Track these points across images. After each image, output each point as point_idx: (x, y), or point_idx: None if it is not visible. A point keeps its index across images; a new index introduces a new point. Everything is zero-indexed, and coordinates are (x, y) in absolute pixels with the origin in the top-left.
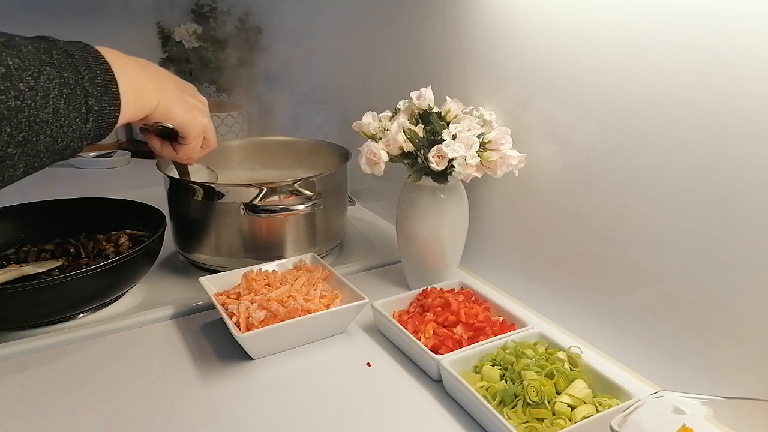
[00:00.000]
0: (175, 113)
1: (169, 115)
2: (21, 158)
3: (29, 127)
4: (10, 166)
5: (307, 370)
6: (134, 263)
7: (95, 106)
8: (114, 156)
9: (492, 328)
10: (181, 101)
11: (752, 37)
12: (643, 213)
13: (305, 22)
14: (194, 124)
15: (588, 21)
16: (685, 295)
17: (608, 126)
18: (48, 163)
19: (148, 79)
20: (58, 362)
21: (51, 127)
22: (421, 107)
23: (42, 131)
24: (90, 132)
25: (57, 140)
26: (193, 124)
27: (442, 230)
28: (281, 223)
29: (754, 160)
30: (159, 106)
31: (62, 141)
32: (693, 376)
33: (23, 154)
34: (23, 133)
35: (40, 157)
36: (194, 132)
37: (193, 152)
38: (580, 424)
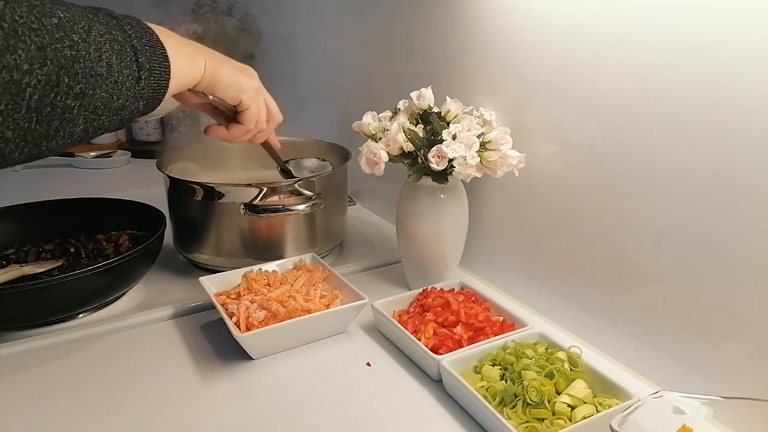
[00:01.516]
0: (223, 75)
1: (217, 79)
2: (80, 113)
3: (86, 80)
4: (70, 120)
5: (307, 370)
6: (134, 263)
7: (146, 64)
8: (114, 156)
9: (492, 328)
10: (226, 63)
11: (752, 37)
12: (643, 213)
13: (305, 22)
14: (246, 85)
15: (588, 21)
16: (685, 295)
17: (608, 126)
18: (107, 125)
19: (191, 46)
20: (58, 362)
21: (106, 82)
22: (421, 107)
23: (98, 85)
24: (144, 92)
25: (113, 97)
26: (245, 84)
27: (442, 230)
28: (281, 223)
29: (754, 160)
30: (207, 70)
31: (118, 99)
32: (693, 376)
33: (81, 108)
34: (80, 84)
35: (99, 115)
36: (248, 93)
37: (260, 120)
38: (580, 424)
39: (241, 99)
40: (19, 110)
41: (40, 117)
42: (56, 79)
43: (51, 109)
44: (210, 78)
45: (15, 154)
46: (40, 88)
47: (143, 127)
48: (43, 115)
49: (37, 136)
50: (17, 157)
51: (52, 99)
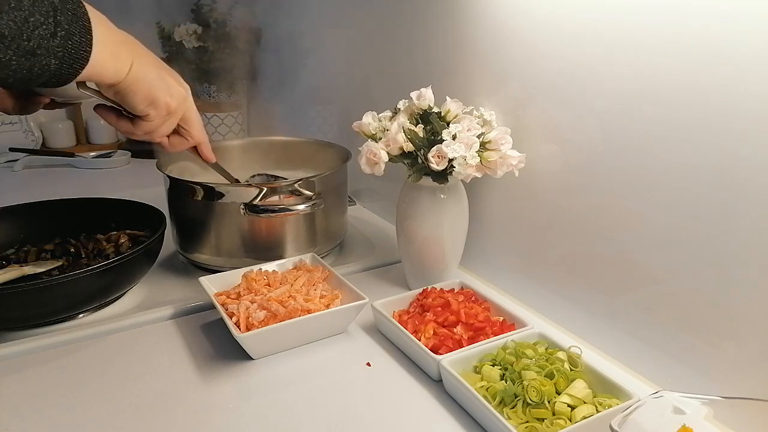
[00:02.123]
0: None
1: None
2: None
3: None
4: None
5: (307, 370)
6: (134, 263)
7: (65, 24)
8: (114, 156)
9: (492, 328)
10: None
11: (752, 37)
12: (643, 213)
13: (305, 22)
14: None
15: (588, 21)
16: (685, 295)
17: (608, 126)
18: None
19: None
20: (58, 362)
21: (14, 13)
22: (421, 107)
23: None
24: (59, 51)
25: (23, 34)
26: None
27: (442, 230)
28: (281, 223)
29: (754, 161)
30: (131, 72)
31: (29, 40)
32: (693, 376)
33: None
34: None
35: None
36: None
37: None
38: (580, 424)
39: (149, 113)
40: None
41: None
42: None
43: None
44: (128, 84)
45: None
46: None
47: None
48: None
49: None
50: None
51: None
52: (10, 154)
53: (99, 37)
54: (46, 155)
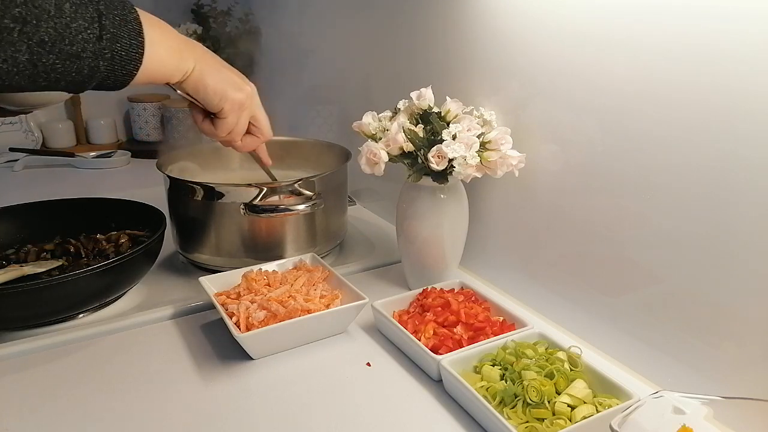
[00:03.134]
0: (210, 81)
1: (203, 83)
2: (22, 39)
3: (25, 6)
4: (11, 43)
5: (307, 370)
6: (134, 263)
7: (110, 28)
8: (114, 156)
9: (492, 328)
10: (218, 73)
11: (752, 37)
12: (643, 213)
13: (305, 22)
14: (231, 97)
15: (588, 21)
16: (685, 295)
17: (608, 126)
18: (59, 67)
19: (184, 44)
20: (58, 362)
21: (53, 20)
22: (421, 107)
23: (42, 18)
24: (105, 53)
25: (65, 39)
26: (228, 97)
27: (442, 230)
28: (281, 223)
29: (754, 161)
30: (194, 72)
31: (71, 44)
32: (693, 376)
33: (23, 34)
34: (18, 8)
35: (47, 51)
36: (230, 105)
37: (234, 132)
38: (580, 424)
39: (223, 108)
40: None
41: None
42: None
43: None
44: (195, 81)
45: None
46: None
47: (143, 127)
48: None
49: None
50: None
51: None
52: (10, 154)
53: (153, 39)
54: (46, 155)
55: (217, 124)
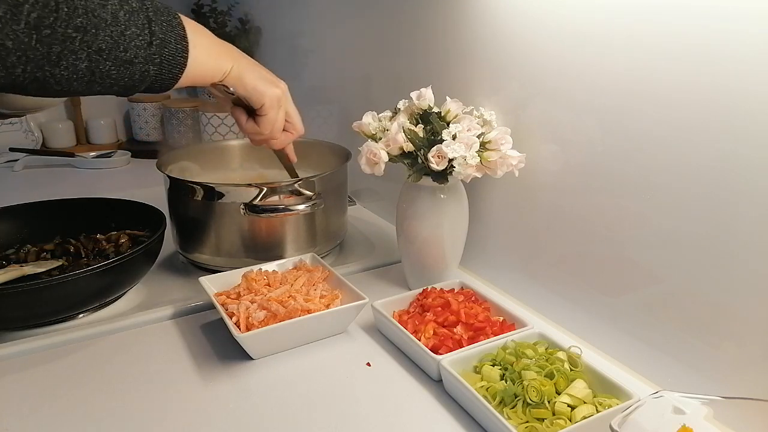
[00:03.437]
0: (248, 79)
1: (242, 82)
2: (82, 47)
3: (86, 17)
4: (73, 51)
5: (307, 370)
6: (134, 263)
7: (159, 34)
8: (114, 156)
9: (492, 328)
10: (255, 71)
11: (752, 37)
12: (643, 213)
13: (305, 22)
14: (269, 92)
15: (588, 21)
16: (685, 295)
17: (608, 126)
18: (114, 74)
19: (223, 47)
20: (58, 362)
21: (110, 29)
22: (421, 107)
23: (101, 27)
24: (155, 57)
25: (120, 46)
26: (268, 92)
27: (442, 230)
28: (281, 223)
29: (754, 161)
30: (233, 71)
31: (126, 51)
32: (693, 376)
33: (84, 43)
34: (80, 18)
35: (104, 58)
36: (270, 100)
37: (274, 128)
38: (580, 424)
39: (263, 104)
40: (18, 22)
41: (40, 37)
42: (54, 5)
43: (51, 32)
44: (235, 80)
45: (18, 69)
46: (38, 8)
47: (143, 127)
48: (42, 35)
49: (39, 57)
50: (21, 73)
51: (51, 22)
52: (10, 154)
53: (195, 42)
54: (46, 155)
55: (260, 121)
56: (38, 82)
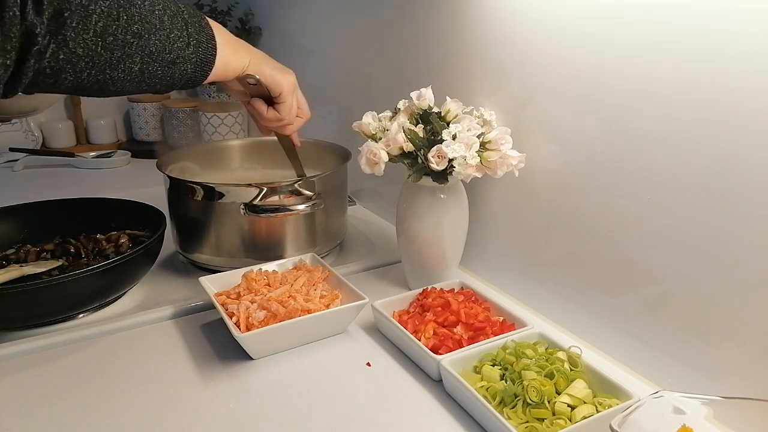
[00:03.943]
0: (266, 70)
1: (261, 73)
2: (137, 51)
3: (141, 23)
4: (130, 55)
5: (307, 370)
6: (134, 263)
7: (195, 35)
8: (114, 156)
9: (492, 328)
10: (269, 62)
11: (752, 37)
12: (643, 213)
13: (305, 22)
14: (285, 80)
15: (588, 21)
16: (685, 295)
17: (608, 126)
18: (159, 74)
19: (240, 44)
20: (58, 362)
21: (159, 32)
22: (421, 107)
23: (152, 32)
24: (193, 57)
25: (166, 48)
26: (284, 80)
27: (442, 230)
28: (281, 223)
29: (754, 160)
30: (251, 64)
31: (170, 52)
32: (693, 376)
33: (138, 48)
34: (136, 25)
35: (153, 60)
36: (287, 87)
37: (292, 112)
38: (580, 424)
39: (282, 91)
40: (88, 31)
41: (105, 43)
42: (116, 14)
43: (113, 39)
44: (255, 71)
45: (84, 73)
46: (104, 17)
47: (143, 127)
48: (107, 42)
49: (103, 62)
50: (86, 77)
51: (113, 30)
52: (10, 154)
53: (220, 40)
54: (46, 155)
55: (280, 108)
56: (99, 84)
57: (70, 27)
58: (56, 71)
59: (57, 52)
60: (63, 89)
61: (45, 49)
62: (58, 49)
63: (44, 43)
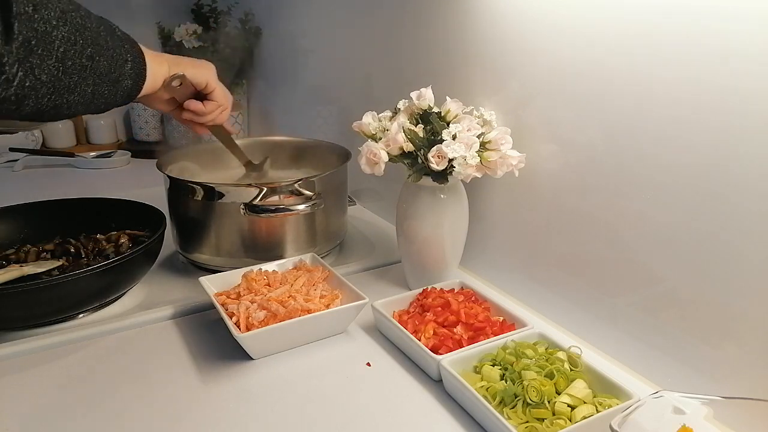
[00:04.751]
0: (186, 67)
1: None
2: (91, 74)
3: (93, 46)
4: (84, 78)
5: (307, 370)
6: (134, 263)
7: (130, 50)
8: (114, 156)
9: (492, 328)
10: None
11: (752, 36)
12: (644, 212)
13: (305, 22)
14: (206, 70)
15: (588, 21)
16: (685, 295)
17: (608, 126)
18: (106, 94)
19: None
20: (58, 362)
21: (107, 53)
22: (421, 107)
23: (102, 54)
24: (131, 72)
25: (111, 68)
26: (205, 70)
27: (442, 230)
28: (281, 223)
29: (755, 160)
30: (171, 68)
31: (114, 71)
32: (693, 376)
33: (92, 70)
34: (90, 48)
35: (102, 81)
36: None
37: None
38: (580, 424)
39: (208, 80)
40: (51, 57)
41: (65, 68)
42: (74, 39)
43: (72, 63)
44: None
45: (46, 98)
46: (64, 42)
47: (143, 127)
48: (67, 66)
49: (62, 87)
50: (46, 103)
51: (72, 54)
52: (10, 154)
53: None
54: (46, 155)
55: (214, 96)
56: (56, 108)
57: (36, 54)
58: (20, 98)
59: (24, 79)
60: (22, 116)
61: (13, 77)
62: (25, 76)
63: (12, 71)
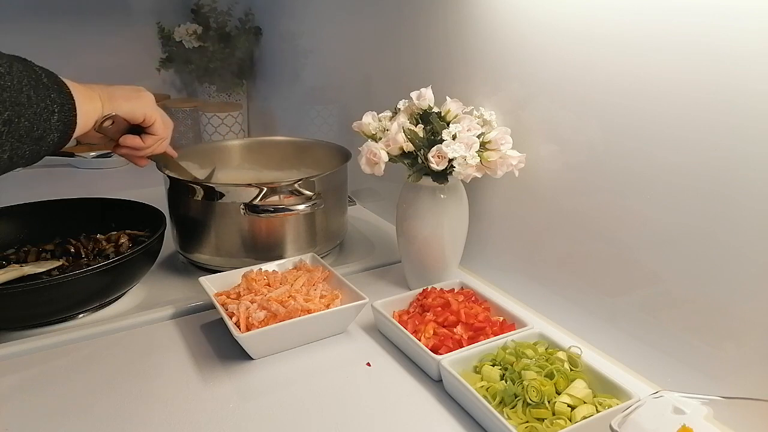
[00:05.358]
0: (120, 103)
1: (116, 109)
2: (8, 139)
3: (12, 108)
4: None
5: (307, 370)
6: (134, 263)
7: (57, 99)
8: (114, 156)
9: (492, 328)
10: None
11: (752, 36)
12: (643, 212)
13: (305, 22)
14: (143, 102)
15: (588, 21)
16: (685, 295)
17: (608, 126)
18: (27, 154)
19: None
20: (58, 362)
21: (28, 112)
22: (421, 107)
23: (22, 114)
24: (58, 124)
25: (34, 126)
26: (142, 103)
27: (442, 230)
28: (281, 223)
29: (755, 160)
30: (105, 104)
31: (37, 129)
32: (693, 376)
33: (9, 135)
34: (8, 111)
35: (22, 143)
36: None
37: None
38: (580, 424)
39: (145, 114)
40: None
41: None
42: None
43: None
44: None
45: None
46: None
47: None
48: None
49: None
50: None
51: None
52: None
53: (76, 96)
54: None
55: (153, 130)
56: None
57: None
58: None
59: None
60: None
61: None
62: None
63: None
